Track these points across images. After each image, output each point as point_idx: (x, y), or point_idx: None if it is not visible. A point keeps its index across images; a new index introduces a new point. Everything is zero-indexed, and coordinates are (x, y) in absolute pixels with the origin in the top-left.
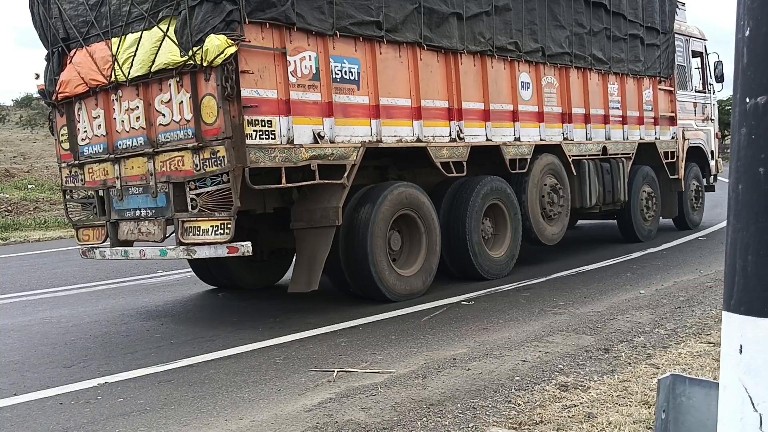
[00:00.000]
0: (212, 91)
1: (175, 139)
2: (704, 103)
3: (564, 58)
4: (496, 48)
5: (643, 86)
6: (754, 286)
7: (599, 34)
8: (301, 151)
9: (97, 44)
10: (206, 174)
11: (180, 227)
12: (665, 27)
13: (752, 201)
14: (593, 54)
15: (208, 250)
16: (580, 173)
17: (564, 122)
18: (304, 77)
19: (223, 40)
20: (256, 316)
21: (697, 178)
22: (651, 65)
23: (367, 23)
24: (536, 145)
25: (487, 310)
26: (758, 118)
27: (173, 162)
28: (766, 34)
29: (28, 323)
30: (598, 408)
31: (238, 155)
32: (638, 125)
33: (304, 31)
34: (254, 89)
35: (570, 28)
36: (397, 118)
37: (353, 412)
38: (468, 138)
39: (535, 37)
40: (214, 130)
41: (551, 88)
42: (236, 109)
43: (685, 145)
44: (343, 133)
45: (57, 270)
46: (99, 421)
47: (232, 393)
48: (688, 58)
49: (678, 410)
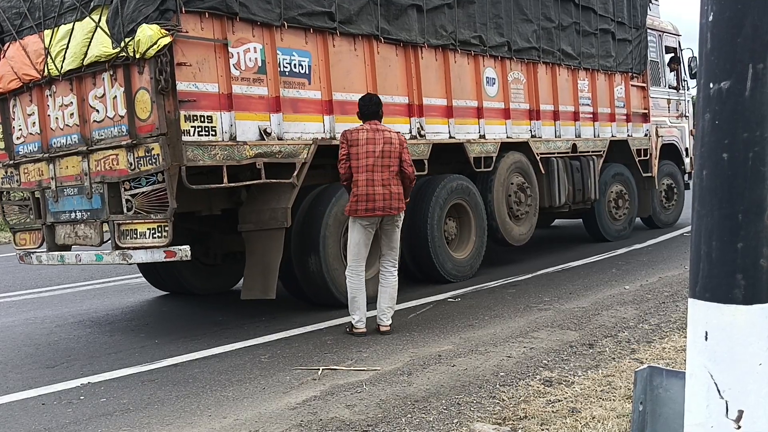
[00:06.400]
0: (146, 84)
1: (110, 136)
2: (678, 100)
3: (531, 53)
4: (459, 42)
5: (615, 82)
6: (719, 273)
7: (568, 29)
8: (245, 148)
9: (30, 37)
10: (141, 173)
11: (116, 230)
12: (637, 22)
13: (716, 187)
14: (562, 49)
15: (144, 255)
16: (549, 171)
17: (532, 119)
18: (248, 70)
19: (156, 30)
20: (242, 315)
21: (670, 176)
22: (623, 61)
23: (318, 14)
24: (502, 142)
25: (472, 307)
26: (722, 104)
27: (107, 161)
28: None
29: (11, 324)
30: (581, 403)
31: (173, 153)
32: (610, 122)
33: (249, 22)
34: (192, 83)
35: (537, 22)
36: (352, 114)
37: (338, 410)
38: (429, 135)
39: (500, 31)
40: (148, 127)
41: (518, 83)
42: (171, 104)
43: (659, 142)
44: (293, 129)
45: (41, 271)
46: (81, 421)
47: (216, 392)
48: (661, 54)
49: (655, 402)
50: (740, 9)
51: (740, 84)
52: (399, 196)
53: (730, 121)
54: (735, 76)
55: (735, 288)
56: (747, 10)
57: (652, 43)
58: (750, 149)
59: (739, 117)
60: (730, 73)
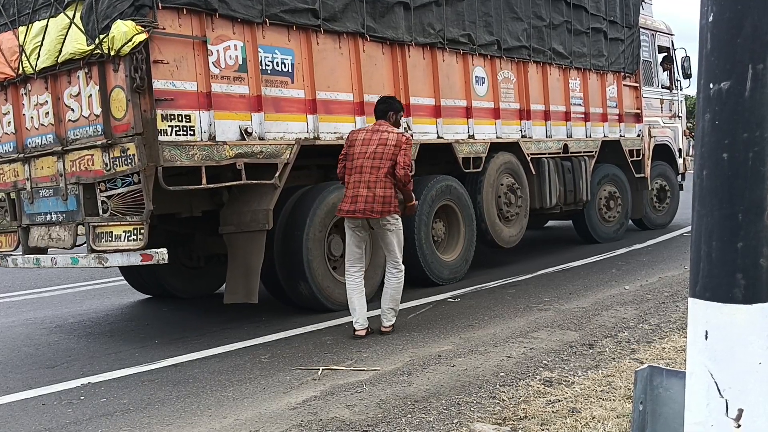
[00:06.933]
0: (121, 82)
1: (85, 136)
2: (671, 100)
3: (522, 52)
4: (448, 40)
5: (607, 82)
6: (719, 272)
7: (559, 28)
8: (225, 148)
9: (4, 34)
10: (116, 174)
11: (91, 233)
12: (629, 21)
13: (716, 187)
14: (553, 48)
15: (120, 258)
16: (540, 172)
17: (522, 119)
18: (228, 68)
19: (131, 26)
20: (242, 315)
21: (663, 177)
22: (615, 60)
23: (302, 11)
24: (492, 142)
25: (472, 307)
26: (722, 104)
27: (83, 161)
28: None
29: (11, 324)
30: (582, 403)
31: (149, 153)
32: (602, 122)
33: (229, 18)
34: (169, 81)
35: (528, 20)
36: (337, 113)
37: (338, 410)
38: (417, 135)
39: (490, 30)
40: (123, 126)
41: (508, 83)
42: (148, 103)
43: (652, 142)
44: (275, 129)
45: (40, 271)
46: (82, 421)
47: (217, 392)
48: (654, 54)
49: (656, 402)
50: (740, 10)
51: (740, 84)
52: (385, 199)
53: (730, 121)
54: (735, 76)
55: (735, 287)
56: (747, 10)
57: (644, 43)
58: (750, 149)
59: (739, 117)
60: (730, 74)
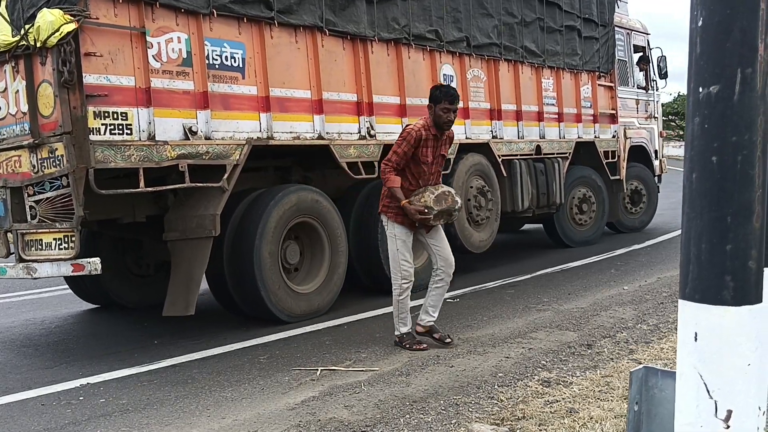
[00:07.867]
0: (48, 77)
1: (12, 135)
2: (647, 100)
3: (492, 50)
4: (413, 36)
5: (581, 81)
6: (708, 274)
7: (532, 25)
8: (166, 148)
9: None
10: (45, 176)
11: (20, 241)
12: (604, 19)
13: (705, 190)
14: (525, 46)
15: (50, 268)
16: (511, 174)
17: (493, 119)
18: (170, 62)
19: (59, 15)
20: (241, 316)
21: (638, 179)
22: (589, 59)
23: (253, 2)
24: (461, 143)
25: (471, 308)
26: (711, 108)
27: (10, 163)
28: (718, 23)
29: (10, 325)
30: (580, 403)
31: (79, 154)
32: (576, 123)
33: (171, 9)
34: (103, 75)
35: (499, 17)
36: (293, 111)
37: (336, 410)
38: (381, 135)
39: (459, 26)
40: (51, 124)
41: (478, 81)
42: (77, 99)
43: (627, 144)
44: (224, 128)
45: None
46: (80, 421)
47: (215, 392)
48: (629, 53)
49: (651, 402)
50: (729, 14)
51: (729, 88)
52: (381, 195)
53: (719, 125)
54: (724, 80)
55: (724, 289)
56: (736, 15)
57: (620, 42)
58: (739, 153)
59: (728, 121)
60: (719, 78)
